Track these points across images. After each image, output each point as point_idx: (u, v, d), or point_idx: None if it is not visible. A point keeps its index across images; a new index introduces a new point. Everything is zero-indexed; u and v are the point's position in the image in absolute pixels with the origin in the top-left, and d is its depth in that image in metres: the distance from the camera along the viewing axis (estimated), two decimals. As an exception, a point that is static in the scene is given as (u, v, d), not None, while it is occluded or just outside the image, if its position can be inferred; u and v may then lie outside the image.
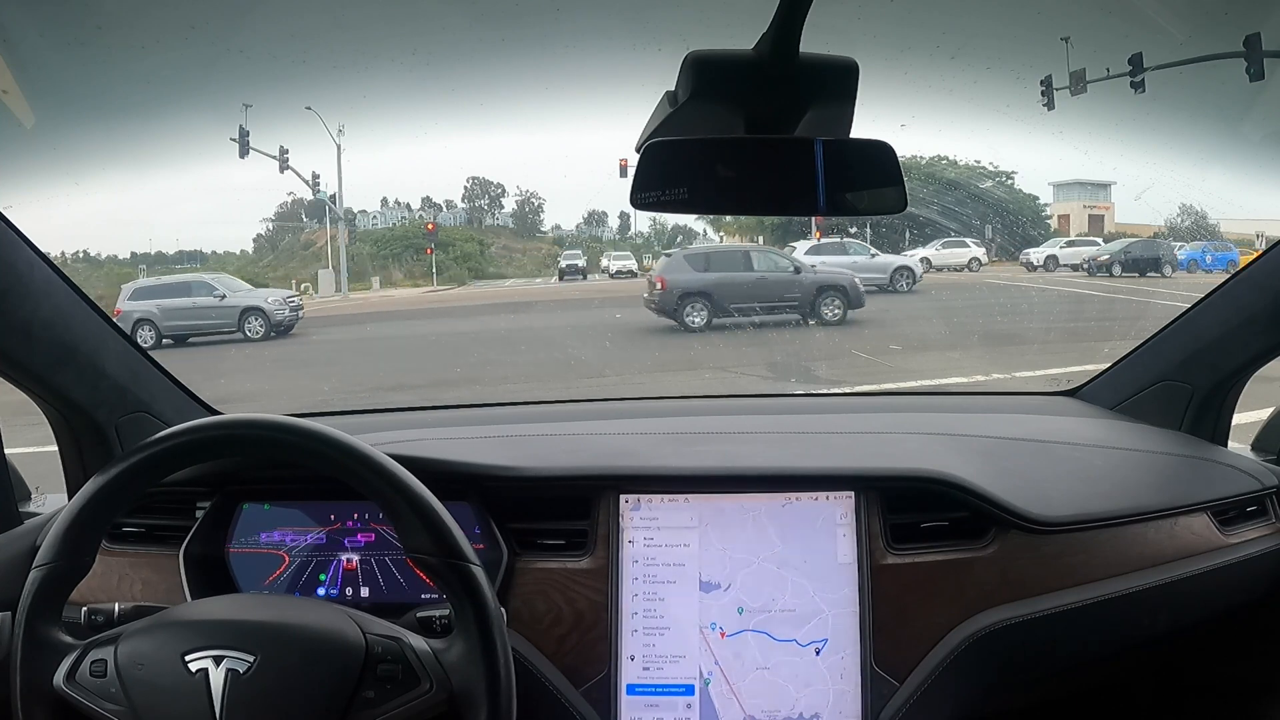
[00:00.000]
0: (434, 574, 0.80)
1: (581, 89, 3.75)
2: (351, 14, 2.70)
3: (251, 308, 6.22)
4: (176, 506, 1.08)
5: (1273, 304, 1.16)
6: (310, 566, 1.07)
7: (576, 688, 1.01)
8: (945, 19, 2.40)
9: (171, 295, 6.12)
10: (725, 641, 1.02)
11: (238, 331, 6.07)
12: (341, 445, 0.81)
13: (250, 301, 6.31)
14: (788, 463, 1.09)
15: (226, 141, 4.80)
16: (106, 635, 0.79)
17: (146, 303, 5.89)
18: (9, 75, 1.28)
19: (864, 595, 1.01)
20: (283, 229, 8.88)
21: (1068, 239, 7.54)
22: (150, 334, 5.78)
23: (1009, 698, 1.10)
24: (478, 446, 1.15)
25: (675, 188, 0.71)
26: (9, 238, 0.96)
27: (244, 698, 0.74)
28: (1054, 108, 2.97)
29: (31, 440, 1.31)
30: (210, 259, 8.10)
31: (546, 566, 1.04)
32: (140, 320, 5.80)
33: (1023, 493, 1.05)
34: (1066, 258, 7.42)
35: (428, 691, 0.77)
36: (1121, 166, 6.05)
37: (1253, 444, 1.34)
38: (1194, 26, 2.07)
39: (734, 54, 0.67)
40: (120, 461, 0.81)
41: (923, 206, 5.90)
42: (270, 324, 6.15)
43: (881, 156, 0.72)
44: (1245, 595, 1.14)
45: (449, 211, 9.84)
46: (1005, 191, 7.41)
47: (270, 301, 6.39)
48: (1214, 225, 6.50)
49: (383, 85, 4.16)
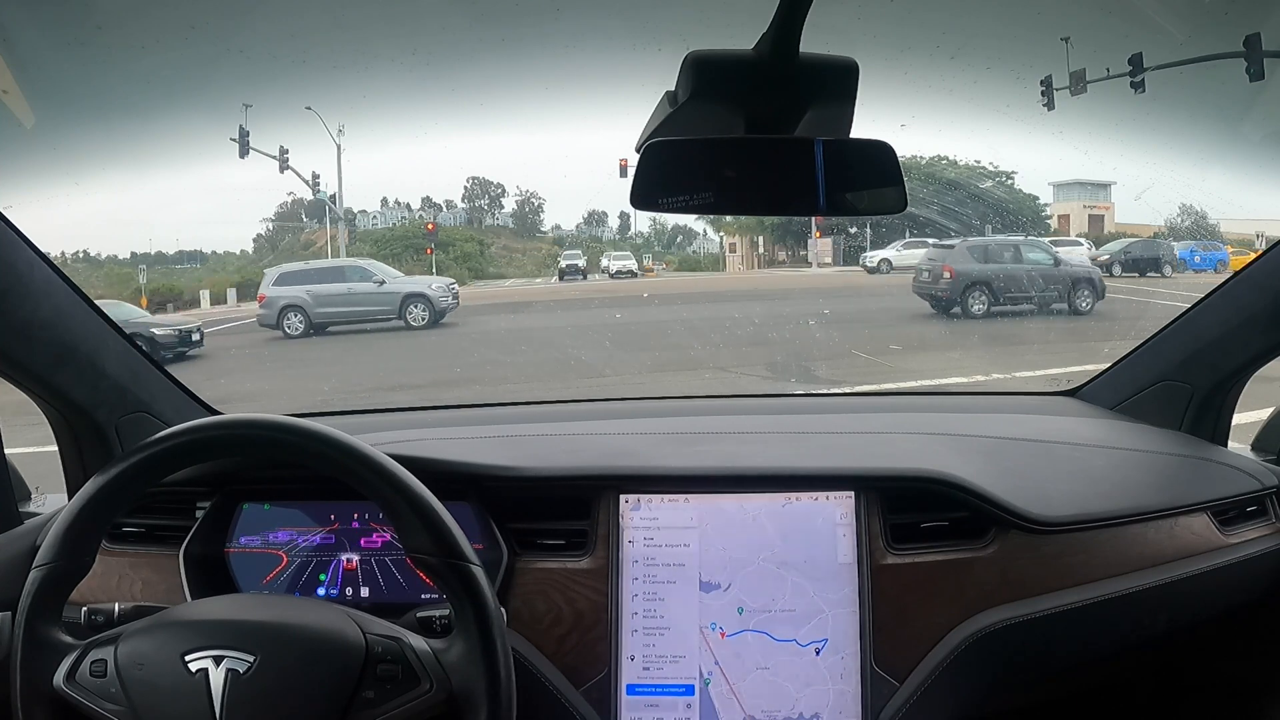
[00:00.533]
0: (434, 574, 0.80)
1: (581, 89, 3.75)
2: (351, 14, 2.70)
3: (415, 294, 5.97)
4: (176, 506, 1.08)
5: (1273, 304, 1.16)
6: (310, 566, 1.07)
7: (576, 688, 1.01)
8: (945, 19, 2.40)
9: (324, 280, 5.90)
10: (725, 641, 1.02)
11: (399, 319, 5.83)
12: (341, 445, 0.81)
13: (413, 288, 6.08)
14: (788, 463, 1.09)
15: (226, 141, 4.80)
16: (106, 635, 0.79)
17: (295, 288, 5.70)
18: (9, 75, 1.28)
19: (864, 595, 1.01)
20: (283, 229, 8.89)
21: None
22: (300, 321, 5.58)
23: (1009, 698, 1.10)
24: (478, 446, 1.15)
25: (675, 188, 0.71)
26: (9, 238, 0.96)
27: (244, 698, 0.74)
28: (1054, 108, 2.97)
29: (31, 440, 1.31)
30: (210, 259, 8.10)
31: (546, 566, 1.04)
32: (288, 307, 5.62)
33: (1023, 493, 1.05)
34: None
35: (428, 691, 0.77)
36: (1121, 166, 6.06)
37: (1253, 444, 1.34)
38: (1194, 26, 2.07)
39: (734, 54, 0.67)
40: (120, 461, 0.81)
41: (923, 206, 5.90)
42: (435, 311, 5.93)
43: (881, 156, 0.72)
44: (1245, 595, 1.14)
45: (449, 211, 9.85)
46: (1005, 191, 7.42)
47: (434, 288, 6.16)
48: (1214, 225, 6.51)
49: (383, 85, 4.16)
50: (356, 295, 5.87)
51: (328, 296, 5.80)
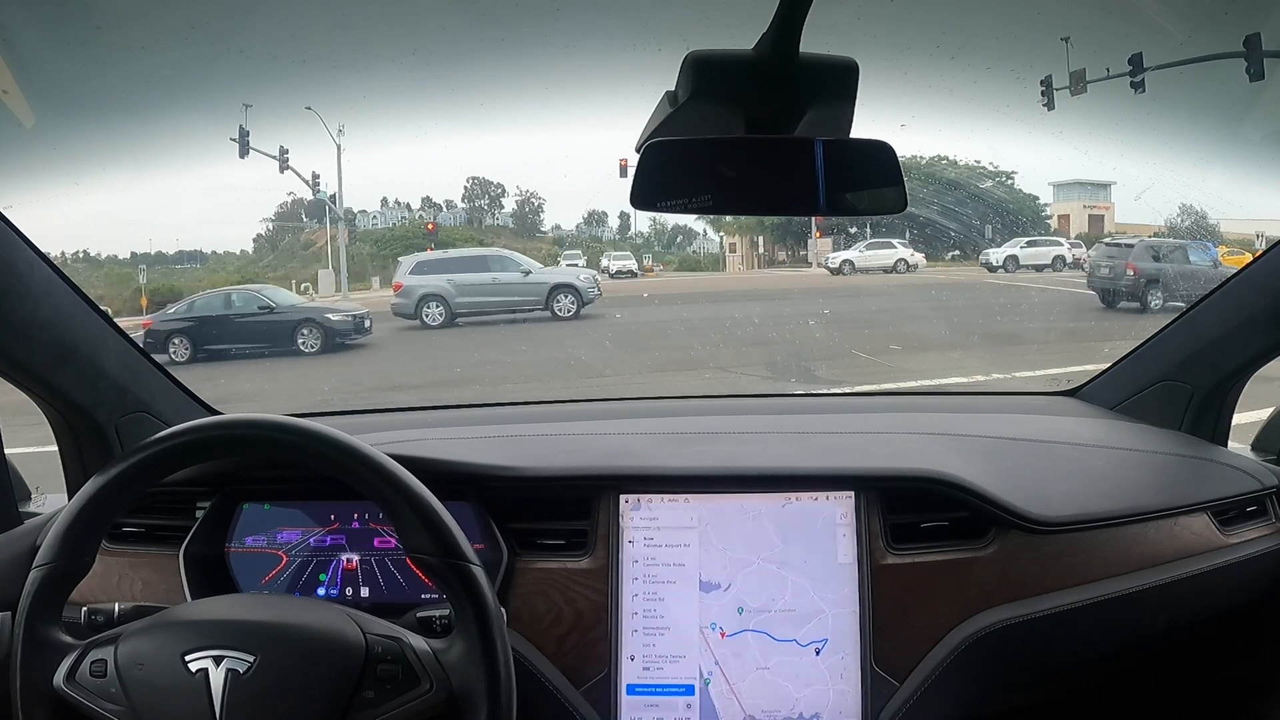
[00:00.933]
0: (434, 574, 0.80)
1: (581, 89, 3.75)
2: (351, 14, 2.70)
3: (564, 285, 5.91)
4: (176, 506, 1.08)
5: (1273, 304, 1.16)
6: (310, 566, 1.07)
7: (576, 688, 1.01)
8: (945, 19, 2.40)
9: (465, 270, 5.83)
10: (725, 641, 1.02)
11: (544, 309, 5.77)
12: (341, 445, 0.81)
13: (561, 278, 6.02)
14: (788, 463, 1.09)
15: (226, 141, 4.79)
16: (106, 635, 0.79)
17: (435, 277, 5.63)
18: (9, 75, 1.28)
19: (864, 595, 1.01)
20: (283, 229, 8.88)
21: (1028, 239, 7.42)
22: (440, 311, 5.50)
23: (1009, 698, 1.10)
24: (478, 446, 1.15)
25: (675, 188, 0.71)
26: (9, 238, 0.96)
27: (244, 698, 0.74)
28: (1054, 108, 2.97)
29: (31, 440, 1.31)
30: (210, 259, 8.09)
31: (546, 566, 1.04)
32: (427, 296, 5.55)
33: (1023, 493, 1.05)
34: (1028, 258, 7.34)
35: (428, 691, 0.77)
36: (1121, 166, 6.05)
37: (1253, 444, 1.34)
38: (1194, 26, 2.07)
39: (734, 54, 0.67)
40: (120, 461, 0.81)
41: (923, 206, 5.90)
42: (583, 302, 5.87)
43: (881, 156, 0.72)
44: (1245, 595, 1.14)
45: (449, 211, 9.84)
46: (1005, 191, 7.40)
47: (582, 279, 6.11)
48: (1214, 225, 6.50)
49: (383, 85, 4.16)
50: (502, 285, 5.80)
51: (471, 286, 5.72)
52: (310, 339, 5.38)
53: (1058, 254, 7.37)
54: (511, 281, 5.86)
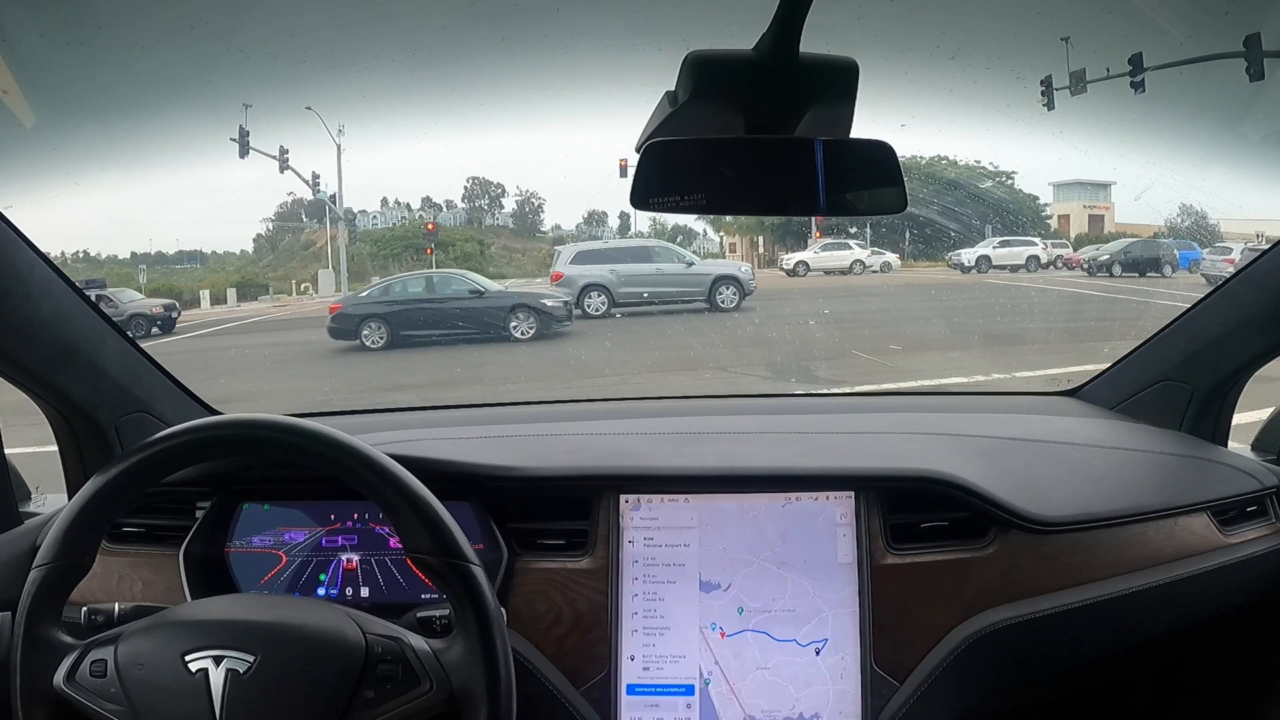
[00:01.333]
0: (434, 574, 0.80)
1: (581, 89, 3.75)
2: (351, 14, 2.70)
3: (726, 276, 5.93)
4: (176, 506, 1.08)
5: (1273, 304, 1.16)
6: (310, 566, 1.07)
7: (576, 688, 1.01)
8: (945, 19, 2.40)
9: (629, 260, 5.82)
10: (725, 641, 1.02)
11: (706, 301, 5.78)
12: (341, 445, 0.81)
13: (723, 270, 6.03)
14: (788, 463, 1.09)
15: (226, 141, 4.80)
16: (106, 635, 0.79)
17: (598, 267, 5.62)
18: (9, 75, 1.28)
19: (864, 595, 1.01)
20: (283, 229, 8.89)
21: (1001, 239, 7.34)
22: (602, 300, 5.50)
23: (1009, 698, 1.10)
24: (478, 446, 1.15)
25: (675, 188, 0.71)
26: (9, 238, 0.96)
27: (244, 698, 0.74)
28: (1054, 108, 2.97)
29: (31, 440, 1.31)
30: (210, 259, 8.10)
31: (546, 566, 1.04)
32: (590, 286, 5.55)
33: (1023, 493, 1.05)
34: (1000, 258, 7.27)
35: (428, 691, 0.77)
36: (1121, 166, 6.06)
37: (1253, 444, 1.34)
38: (1194, 26, 2.07)
39: (734, 54, 0.67)
40: (120, 461, 0.81)
41: (923, 206, 5.91)
42: (744, 294, 5.90)
43: (881, 157, 0.72)
44: (1245, 595, 1.14)
45: (449, 211, 9.85)
46: (1005, 191, 7.41)
47: (743, 271, 6.14)
48: (1214, 225, 6.51)
49: (383, 85, 4.16)
50: (666, 276, 5.79)
51: (635, 276, 5.70)
52: (524, 325, 5.33)
53: (1032, 254, 7.31)
54: (675, 272, 5.86)
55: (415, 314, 5.42)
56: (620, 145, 5.62)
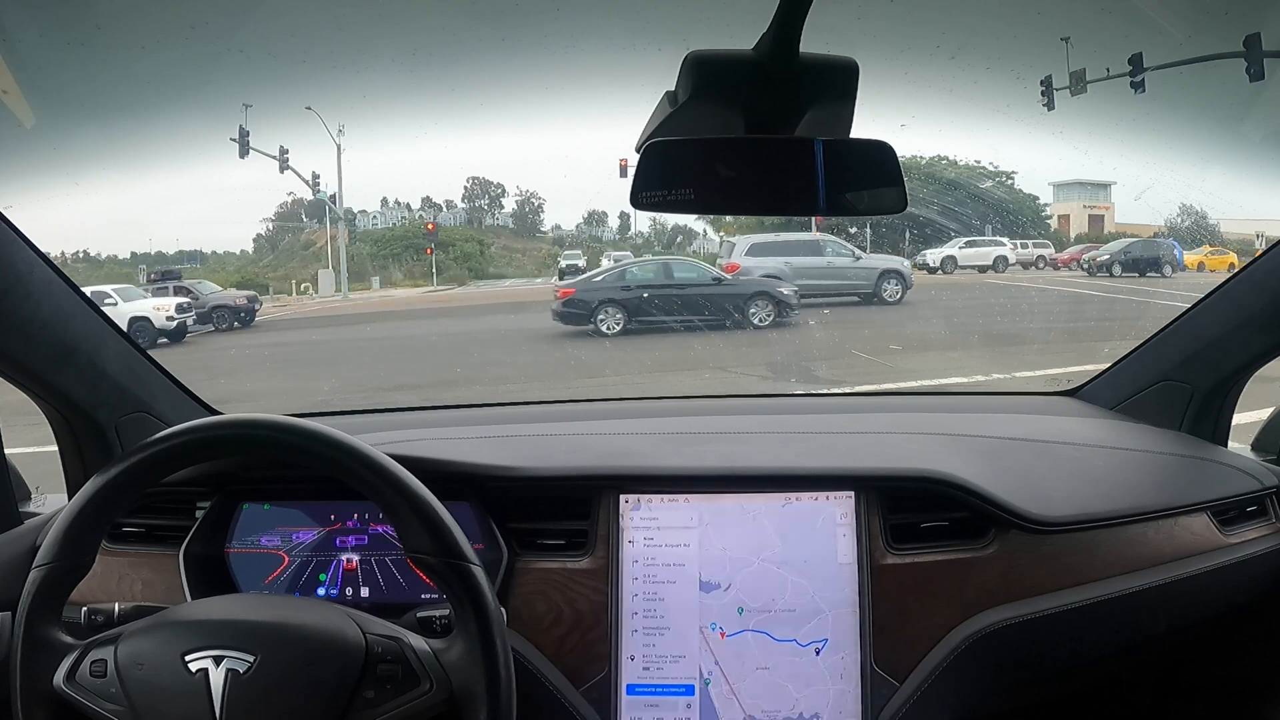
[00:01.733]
0: (434, 574, 0.80)
1: (581, 89, 3.75)
2: (351, 14, 2.70)
3: (892, 270, 6.10)
4: (176, 506, 1.08)
5: (1273, 304, 1.16)
6: (310, 566, 1.07)
7: (576, 688, 1.01)
8: (945, 19, 2.40)
9: (801, 253, 5.91)
10: (725, 641, 1.02)
11: (873, 294, 5.91)
12: (341, 445, 0.81)
13: (889, 264, 6.19)
14: (788, 463, 1.09)
15: (226, 141, 4.80)
16: (106, 635, 0.79)
17: (773, 259, 5.72)
18: (9, 75, 1.28)
19: (864, 595, 1.01)
20: (283, 229, 8.89)
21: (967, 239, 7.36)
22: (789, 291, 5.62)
23: (1009, 698, 1.10)
24: (478, 446, 1.15)
25: (675, 188, 0.71)
26: (9, 238, 0.96)
27: (244, 698, 0.74)
28: (1054, 108, 2.97)
29: (31, 440, 1.31)
30: (210, 259, 8.10)
31: (546, 566, 1.04)
32: (767, 278, 5.69)
33: (1023, 493, 1.05)
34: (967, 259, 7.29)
35: (428, 691, 0.77)
36: (1121, 166, 6.06)
37: (1253, 444, 1.34)
38: (1194, 26, 2.07)
39: (734, 54, 0.67)
40: (120, 461, 0.81)
41: (923, 206, 5.91)
42: (906, 288, 6.06)
43: (881, 157, 0.72)
44: (1245, 595, 1.14)
45: (449, 211, 9.86)
46: (1005, 191, 7.40)
47: (905, 266, 6.32)
48: (1214, 225, 6.51)
49: (383, 85, 4.17)
50: (836, 269, 5.90)
51: (809, 269, 5.81)
52: (762, 312, 5.44)
53: (999, 254, 7.32)
54: (844, 265, 5.97)
55: (652, 300, 5.48)
56: (620, 145, 5.64)
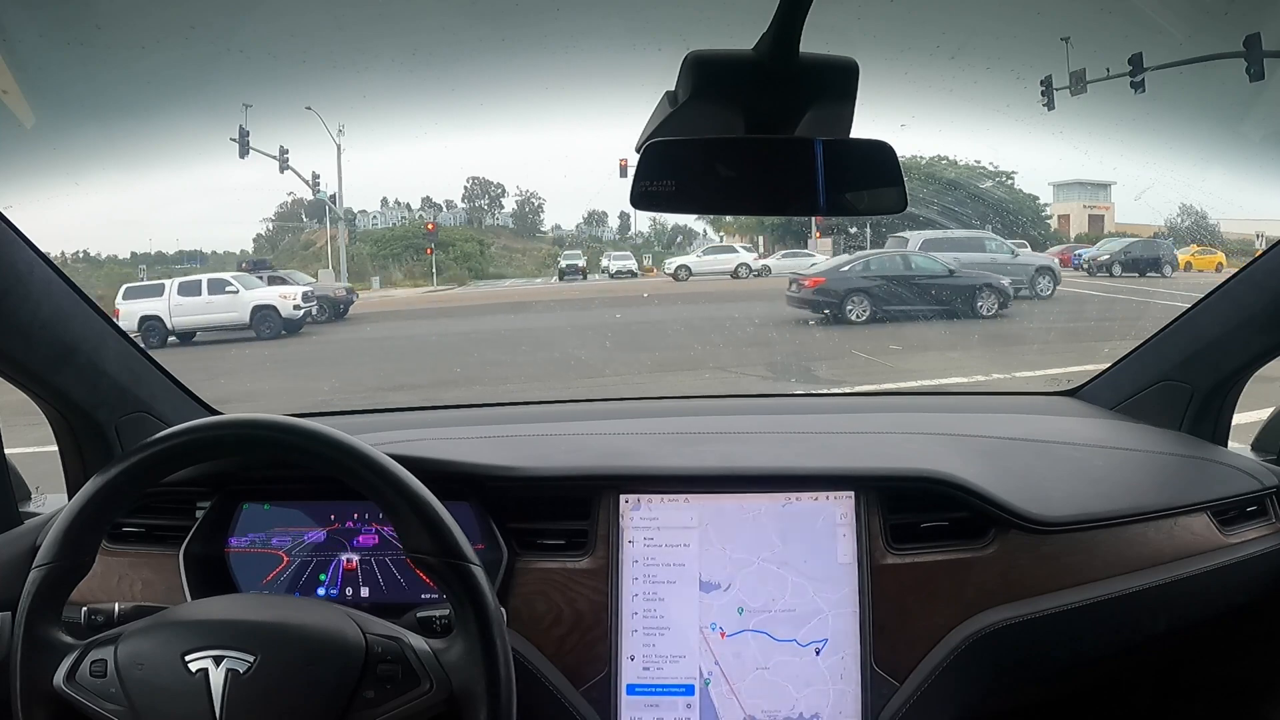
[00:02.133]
0: (434, 574, 0.80)
1: (581, 89, 3.74)
2: (351, 14, 2.70)
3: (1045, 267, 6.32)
4: (176, 506, 1.08)
5: (1273, 304, 1.16)
6: (310, 566, 1.07)
7: (576, 688, 1.01)
8: (945, 19, 2.40)
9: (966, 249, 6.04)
10: (725, 641, 1.02)
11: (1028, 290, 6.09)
12: (341, 445, 0.81)
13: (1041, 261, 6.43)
14: (788, 463, 1.09)
15: (226, 141, 4.80)
16: (106, 635, 0.79)
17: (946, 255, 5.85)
18: (9, 75, 1.28)
19: (864, 595, 1.01)
20: (283, 229, 8.90)
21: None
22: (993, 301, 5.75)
23: (1009, 698, 1.10)
24: (478, 446, 1.15)
25: (675, 187, 0.71)
26: (9, 238, 0.96)
27: (244, 698, 0.74)
28: (1054, 108, 2.97)
29: (31, 440, 1.31)
30: (210, 259, 8.10)
31: (546, 566, 1.04)
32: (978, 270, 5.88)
33: (1023, 493, 1.05)
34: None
35: (428, 691, 0.77)
36: (1121, 166, 6.05)
37: (1253, 444, 1.34)
38: (1194, 26, 2.06)
39: (734, 54, 0.67)
40: (120, 461, 0.81)
41: (923, 206, 5.91)
42: (1055, 284, 6.27)
43: (881, 157, 0.72)
44: (1245, 595, 1.14)
45: (449, 211, 9.86)
46: (1005, 191, 7.40)
47: (1055, 263, 6.56)
48: (1214, 225, 6.50)
49: (382, 85, 4.16)
50: (999, 265, 6.01)
51: (974, 264, 5.94)
52: (988, 303, 5.57)
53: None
54: (1005, 262, 6.09)
55: (897, 290, 5.65)
56: (620, 145, 5.63)
